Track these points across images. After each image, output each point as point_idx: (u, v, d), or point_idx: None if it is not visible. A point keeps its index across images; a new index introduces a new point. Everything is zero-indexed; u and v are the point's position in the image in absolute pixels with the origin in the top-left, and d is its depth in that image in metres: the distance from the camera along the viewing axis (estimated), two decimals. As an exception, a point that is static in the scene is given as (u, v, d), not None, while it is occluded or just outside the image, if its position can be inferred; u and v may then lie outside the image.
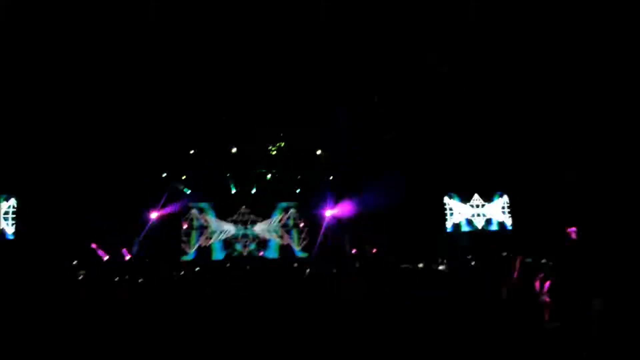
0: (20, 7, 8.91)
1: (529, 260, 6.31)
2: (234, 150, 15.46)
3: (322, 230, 16.48)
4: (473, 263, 6.75)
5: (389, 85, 12.72)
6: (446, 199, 16.36)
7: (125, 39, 10.37)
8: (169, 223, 15.75)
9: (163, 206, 15.53)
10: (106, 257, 12.21)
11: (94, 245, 12.32)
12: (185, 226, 16.20)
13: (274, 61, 11.45)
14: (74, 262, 9.30)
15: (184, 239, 16.09)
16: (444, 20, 10.16)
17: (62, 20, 9.53)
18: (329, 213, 16.43)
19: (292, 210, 16.94)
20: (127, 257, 13.10)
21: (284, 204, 16.93)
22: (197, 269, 11.26)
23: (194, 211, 16.43)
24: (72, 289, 5.90)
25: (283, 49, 11.02)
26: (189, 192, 16.13)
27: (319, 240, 16.38)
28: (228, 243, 16.41)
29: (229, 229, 16.52)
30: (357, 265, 11.26)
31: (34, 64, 10.64)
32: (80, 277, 7.81)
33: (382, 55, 11.48)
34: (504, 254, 9.94)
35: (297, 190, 16.78)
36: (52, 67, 10.84)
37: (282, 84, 12.26)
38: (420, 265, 7.28)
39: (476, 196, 16.52)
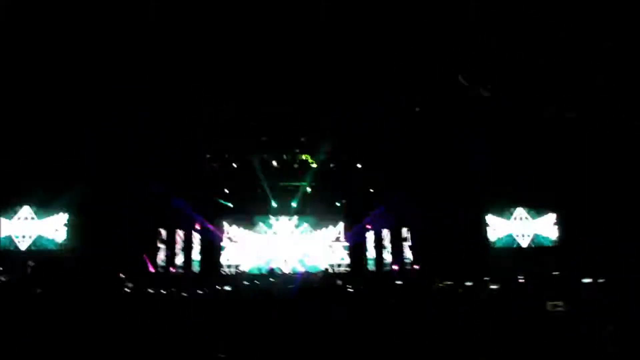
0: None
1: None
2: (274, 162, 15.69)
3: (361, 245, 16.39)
4: (521, 281, 6.52)
5: (433, 94, 12.54)
6: (489, 216, 15.91)
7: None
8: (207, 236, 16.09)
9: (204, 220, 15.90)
10: (152, 269, 12.53)
11: (145, 257, 12.64)
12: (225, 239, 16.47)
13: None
14: (122, 275, 9.57)
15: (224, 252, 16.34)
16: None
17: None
18: (368, 228, 16.33)
19: (332, 224, 16.92)
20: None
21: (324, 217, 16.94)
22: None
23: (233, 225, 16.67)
24: (120, 300, 6.01)
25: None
26: (230, 205, 16.38)
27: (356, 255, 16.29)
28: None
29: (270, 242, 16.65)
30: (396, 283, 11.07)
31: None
32: (127, 289, 8.01)
33: (420, 66, 11.37)
34: (554, 272, 9.55)
35: (338, 204, 16.76)
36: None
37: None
38: (468, 283, 7.07)
39: (522, 211, 16.01)
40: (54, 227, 14.26)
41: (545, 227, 15.88)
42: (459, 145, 13.97)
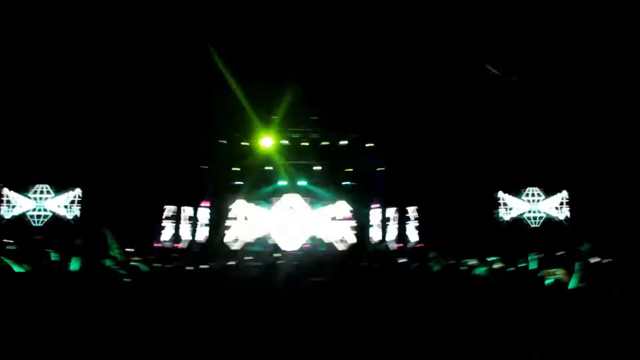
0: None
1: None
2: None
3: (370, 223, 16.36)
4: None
5: (444, 79, 12.39)
6: (500, 193, 15.69)
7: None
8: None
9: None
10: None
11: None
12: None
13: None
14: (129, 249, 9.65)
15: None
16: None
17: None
18: (376, 207, 16.27)
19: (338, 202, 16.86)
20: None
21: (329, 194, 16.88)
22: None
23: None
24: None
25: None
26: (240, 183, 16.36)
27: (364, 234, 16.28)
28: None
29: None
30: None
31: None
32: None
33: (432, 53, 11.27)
34: (562, 252, 9.39)
35: (346, 183, 16.68)
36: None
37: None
38: (474, 262, 6.97)
39: (533, 190, 15.76)
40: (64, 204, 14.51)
41: (556, 206, 15.65)
42: (470, 128, 13.83)
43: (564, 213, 15.40)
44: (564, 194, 15.45)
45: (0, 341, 3.71)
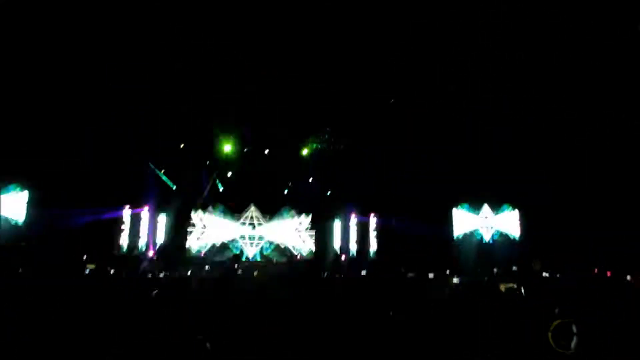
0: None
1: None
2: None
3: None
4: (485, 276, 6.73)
5: (400, 92, 12.71)
6: (454, 210, 16.24)
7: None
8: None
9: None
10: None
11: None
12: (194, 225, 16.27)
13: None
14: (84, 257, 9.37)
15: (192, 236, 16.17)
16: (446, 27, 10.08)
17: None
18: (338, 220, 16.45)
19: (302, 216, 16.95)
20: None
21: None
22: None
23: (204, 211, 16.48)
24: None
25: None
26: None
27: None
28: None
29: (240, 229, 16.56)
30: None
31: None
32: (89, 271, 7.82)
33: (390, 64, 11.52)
34: (514, 268, 9.88)
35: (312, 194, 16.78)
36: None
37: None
38: (430, 275, 7.23)
39: (485, 207, 16.42)
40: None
41: (508, 223, 16.35)
42: (432, 142, 14.19)
43: (516, 229, 16.12)
44: (516, 211, 16.21)
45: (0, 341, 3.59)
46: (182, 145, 15.24)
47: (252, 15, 10.01)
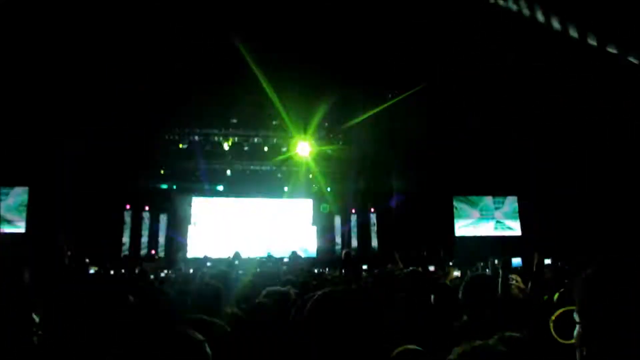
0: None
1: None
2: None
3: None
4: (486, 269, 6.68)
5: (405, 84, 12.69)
6: (455, 202, 16.23)
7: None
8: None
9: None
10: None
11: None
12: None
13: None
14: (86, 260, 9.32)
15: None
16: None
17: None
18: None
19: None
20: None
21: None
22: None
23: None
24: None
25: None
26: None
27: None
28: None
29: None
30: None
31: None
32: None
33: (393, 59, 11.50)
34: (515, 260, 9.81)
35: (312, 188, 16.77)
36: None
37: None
38: (431, 268, 7.21)
39: (486, 199, 16.40)
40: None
41: (508, 214, 16.34)
42: (433, 134, 14.18)
43: (517, 221, 16.12)
44: (516, 202, 16.20)
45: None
46: (181, 146, 15.28)
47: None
